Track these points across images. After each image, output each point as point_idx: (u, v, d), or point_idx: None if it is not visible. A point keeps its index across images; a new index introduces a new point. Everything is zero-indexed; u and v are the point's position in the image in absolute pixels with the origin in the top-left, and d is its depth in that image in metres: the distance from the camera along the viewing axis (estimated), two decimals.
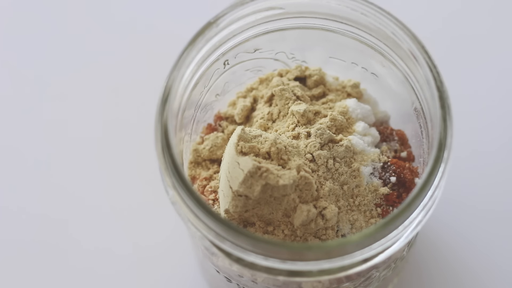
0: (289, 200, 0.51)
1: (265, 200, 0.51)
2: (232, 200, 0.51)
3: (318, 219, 0.52)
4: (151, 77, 0.70)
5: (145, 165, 0.71)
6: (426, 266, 0.68)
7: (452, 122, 0.51)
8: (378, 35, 0.56)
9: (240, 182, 0.50)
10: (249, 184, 0.50)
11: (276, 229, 0.53)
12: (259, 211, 0.52)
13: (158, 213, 0.70)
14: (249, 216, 0.53)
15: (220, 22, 0.54)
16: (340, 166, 0.54)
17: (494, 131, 0.73)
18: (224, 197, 0.53)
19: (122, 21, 0.80)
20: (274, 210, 0.52)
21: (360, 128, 0.58)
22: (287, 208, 0.52)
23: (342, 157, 0.55)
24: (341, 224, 0.54)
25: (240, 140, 0.53)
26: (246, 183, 0.50)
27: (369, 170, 0.56)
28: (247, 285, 0.55)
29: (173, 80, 0.52)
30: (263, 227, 0.53)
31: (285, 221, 0.52)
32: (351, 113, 0.58)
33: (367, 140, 0.58)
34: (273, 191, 0.51)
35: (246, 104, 0.60)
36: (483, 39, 0.78)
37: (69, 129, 0.75)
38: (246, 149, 0.52)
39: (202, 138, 0.60)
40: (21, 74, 0.77)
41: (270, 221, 0.53)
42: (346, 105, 0.59)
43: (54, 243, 0.70)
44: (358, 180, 0.55)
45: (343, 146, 0.55)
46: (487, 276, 0.68)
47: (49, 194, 0.72)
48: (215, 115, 0.61)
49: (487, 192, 0.71)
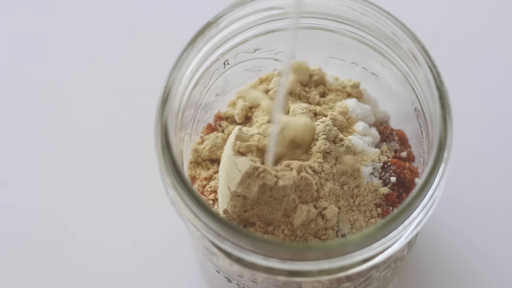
0: (289, 201, 0.51)
1: (264, 200, 0.51)
2: (230, 200, 0.52)
3: (318, 219, 0.52)
4: (151, 77, 0.70)
5: (145, 165, 0.71)
6: (426, 266, 0.68)
7: (452, 122, 0.51)
8: (378, 35, 0.56)
9: (238, 182, 0.50)
10: (247, 185, 0.50)
11: (276, 229, 0.53)
12: (259, 211, 0.52)
13: (158, 213, 0.70)
14: (249, 216, 0.53)
15: (220, 22, 0.54)
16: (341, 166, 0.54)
17: (494, 130, 0.73)
18: (223, 197, 0.53)
19: (121, 21, 0.80)
20: (274, 210, 0.52)
21: (360, 128, 0.58)
22: (287, 208, 0.52)
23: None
24: (341, 224, 0.54)
25: (238, 139, 0.53)
26: (244, 183, 0.50)
27: (369, 170, 0.56)
28: (247, 285, 0.55)
29: (173, 80, 0.52)
30: (263, 227, 0.53)
31: (285, 221, 0.52)
32: (351, 113, 0.58)
33: (367, 140, 0.58)
34: (273, 191, 0.51)
35: (246, 104, 0.60)
36: (483, 39, 0.78)
37: (69, 128, 0.75)
38: (243, 148, 0.52)
39: (202, 138, 0.60)
40: (20, 72, 0.77)
41: (270, 221, 0.53)
42: (346, 105, 0.59)
43: (53, 240, 0.70)
44: (358, 180, 0.55)
45: (344, 146, 0.55)
46: (487, 276, 0.68)
47: (50, 193, 0.72)
48: (215, 115, 0.62)
49: (487, 192, 0.71)
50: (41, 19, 0.80)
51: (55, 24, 0.80)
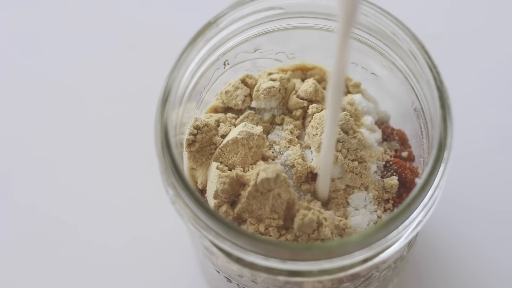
0: (275, 195, 0.51)
1: (252, 195, 0.51)
2: (219, 178, 0.51)
3: (315, 225, 0.52)
4: (151, 77, 0.70)
5: (145, 164, 0.71)
6: (426, 266, 0.68)
7: (452, 122, 0.51)
8: (378, 35, 0.56)
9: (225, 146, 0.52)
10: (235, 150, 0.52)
11: (265, 225, 0.53)
12: (249, 206, 0.52)
13: (158, 213, 0.70)
14: (241, 213, 0.52)
15: (220, 22, 0.54)
16: (351, 161, 0.54)
17: (494, 130, 0.73)
18: (211, 184, 0.53)
19: (121, 20, 0.80)
20: (262, 206, 0.52)
21: (369, 122, 0.58)
22: (274, 204, 0.51)
23: (354, 149, 0.55)
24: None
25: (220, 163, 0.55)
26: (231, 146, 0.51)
27: (374, 168, 0.56)
28: (247, 285, 0.55)
29: (173, 80, 0.52)
30: (254, 223, 0.53)
31: (273, 217, 0.52)
32: (357, 105, 0.58)
33: (375, 136, 0.57)
34: (258, 185, 0.51)
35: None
36: (483, 39, 0.78)
37: (69, 128, 0.75)
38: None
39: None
40: (20, 71, 0.77)
41: (260, 217, 0.52)
42: (352, 98, 0.59)
43: (53, 240, 0.70)
44: (366, 178, 0.55)
45: (356, 139, 0.54)
46: (488, 276, 0.68)
47: (50, 191, 0.72)
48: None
49: (488, 192, 0.71)
50: (41, 19, 0.80)
51: (55, 24, 0.80)
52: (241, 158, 0.54)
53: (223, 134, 0.57)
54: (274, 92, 0.57)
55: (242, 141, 0.54)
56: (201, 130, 0.56)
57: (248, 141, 0.54)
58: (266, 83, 0.57)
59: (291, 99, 0.58)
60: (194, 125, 0.56)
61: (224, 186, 0.52)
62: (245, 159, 0.54)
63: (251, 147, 0.54)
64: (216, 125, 0.57)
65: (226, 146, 0.54)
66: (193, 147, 0.56)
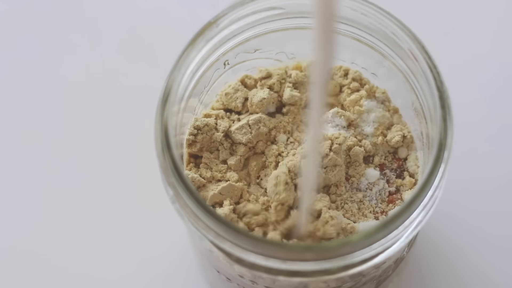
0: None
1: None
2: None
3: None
4: (151, 77, 0.70)
5: (145, 164, 0.71)
6: (426, 266, 0.68)
7: (452, 122, 0.51)
8: (378, 35, 0.56)
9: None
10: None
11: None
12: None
13: (158, 213, 0.70)
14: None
15: (220, 22, 0.54)
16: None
17: (495, 130, 0.73)
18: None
19: (122, 20, 0.80)
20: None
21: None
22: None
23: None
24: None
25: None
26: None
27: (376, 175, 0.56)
28: (247, 285, 0.55)
29: (173, 80, 0.52)
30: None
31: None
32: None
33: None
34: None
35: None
36: (483, 39, 0.78)
37: (69, 128, 0.75)
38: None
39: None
40: (19, 71, 0.77)
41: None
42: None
43: (53, 239, 0.70)
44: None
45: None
46: (488, 276, 0.68)
47: (49, 191, 0.72)
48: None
49: (488, 192, 0.71)
50: (41, 18, 0.80)
51: (55, 24, 0.80)
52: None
53: (223, 130, 0.57)
54: (268, 101, 0.58)
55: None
56: (201, 130, 0.56)
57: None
58: (256, 97, 0.58)
59: (285, 93, 0.58)
60: (194, 125, 0.56)
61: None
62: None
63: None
64: (216, 123, 0.57)
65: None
66: (194, 148, 0.56)
